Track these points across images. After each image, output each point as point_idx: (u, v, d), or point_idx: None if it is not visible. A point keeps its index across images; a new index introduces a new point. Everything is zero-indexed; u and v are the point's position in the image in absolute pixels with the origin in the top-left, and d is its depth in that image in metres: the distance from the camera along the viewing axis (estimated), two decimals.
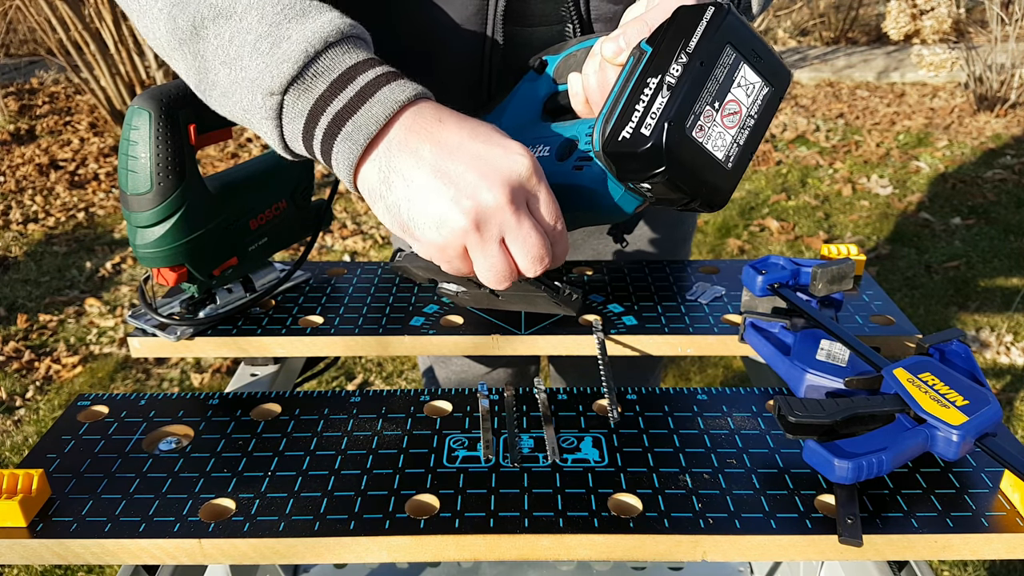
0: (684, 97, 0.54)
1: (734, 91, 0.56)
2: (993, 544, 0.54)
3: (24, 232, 3.22)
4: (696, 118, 0.55)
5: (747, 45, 0.56)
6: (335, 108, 0.53)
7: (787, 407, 0.56)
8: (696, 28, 0.55)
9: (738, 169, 0.57)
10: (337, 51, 0.54)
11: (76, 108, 4.68)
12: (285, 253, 2.42)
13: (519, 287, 0.65)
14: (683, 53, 0.55)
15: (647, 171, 0.56)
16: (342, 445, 0.64)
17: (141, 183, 0.69)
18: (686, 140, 0.55)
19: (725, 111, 0.56)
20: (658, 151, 0.54)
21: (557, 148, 0.65)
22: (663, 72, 0.55)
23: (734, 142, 0.57)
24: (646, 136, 0.54)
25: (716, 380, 2.25)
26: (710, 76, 0.55)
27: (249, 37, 0.54)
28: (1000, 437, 0.56)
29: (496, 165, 0.52)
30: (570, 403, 0.69)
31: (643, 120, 0.55)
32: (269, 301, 0.83)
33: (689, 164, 0.55)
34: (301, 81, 0.53)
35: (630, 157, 0.56)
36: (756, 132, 0.58)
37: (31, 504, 0.56)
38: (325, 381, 2.28)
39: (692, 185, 0.56)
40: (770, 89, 0.58)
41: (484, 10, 0.75)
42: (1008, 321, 2.42)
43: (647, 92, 0.55)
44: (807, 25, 5.88)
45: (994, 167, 3.59)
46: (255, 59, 0.54)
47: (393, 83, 0.54)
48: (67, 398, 2.24)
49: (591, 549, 0.55)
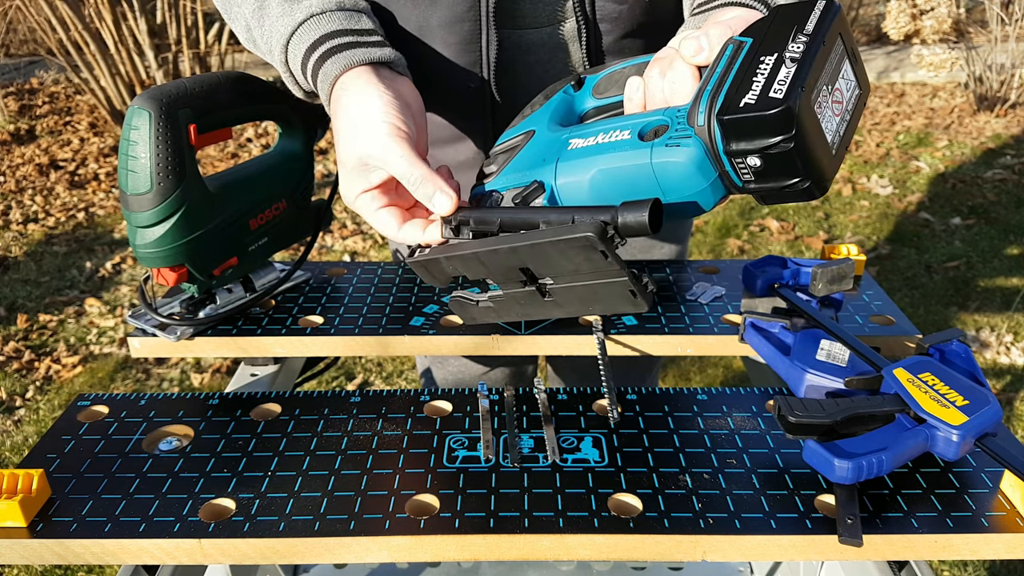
0: (810, 69, 0.53)
1: (840, 81, 0.56)
2: (993, 544, 0.54)
3: (24, 232, 3.22)
4: (817, 93, 0.54)
5: (850, 43, 0.57)
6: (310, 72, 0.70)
7: (787, 407, 0.56)
8: (809, 16, 0.55)
9: (839, 158, 0.56)
10: (308, 25, 0.70)
11: (76, 108, 4.68)
12: (285, 253, 2.42)
13: (583, 277, 0.61)
14: (800, 35, 0.55)
15: (772, 136, 0.53)
16: (342, 445, 0.64)
17: (141, 183, 0.69)
18: (810, 111, 0.53)
19: (834, 97, 0.56)
20: (790, 114, 0.52)
21: (639, 130, 0.60)
22: (780, 50, 0.54)
23: (837, 131, 0.56)
24: (778, 99, 0.52)
25: (716, 380, 2.26)
26: (828, 59, 0.55)
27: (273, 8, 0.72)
28: (1000, 437, 0.56)
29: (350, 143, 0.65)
30: (570, 403, 0.69)
31: (768, 87, 0.53)
32: (269, 301, 0.83)
33: (810, 138, 0.53)
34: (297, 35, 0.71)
35: (754, 121, 0.53)
36: (850, 129, 0.58)
37: (31, 504, 0.56)
38: (325, 381, 2.28)
39: (808, 160, 0.54)
40: (860, 92, 0.59)
41: (476, 8, 0.76)
42: (1008, 321, 2.42)
43: (764, 68, 0.54)
44: None
45: (994, 167, 3.59)
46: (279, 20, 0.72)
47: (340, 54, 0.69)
48: (67, 398, 2.24)
49: (591, 549, 0.55)
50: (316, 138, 0.85)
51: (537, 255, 0.60)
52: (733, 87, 0.55)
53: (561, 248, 0.58)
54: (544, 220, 0.60)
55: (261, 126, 4.26)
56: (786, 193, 0.56)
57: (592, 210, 0.59)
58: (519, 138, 0.70)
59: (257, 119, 0.80)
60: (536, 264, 0.61)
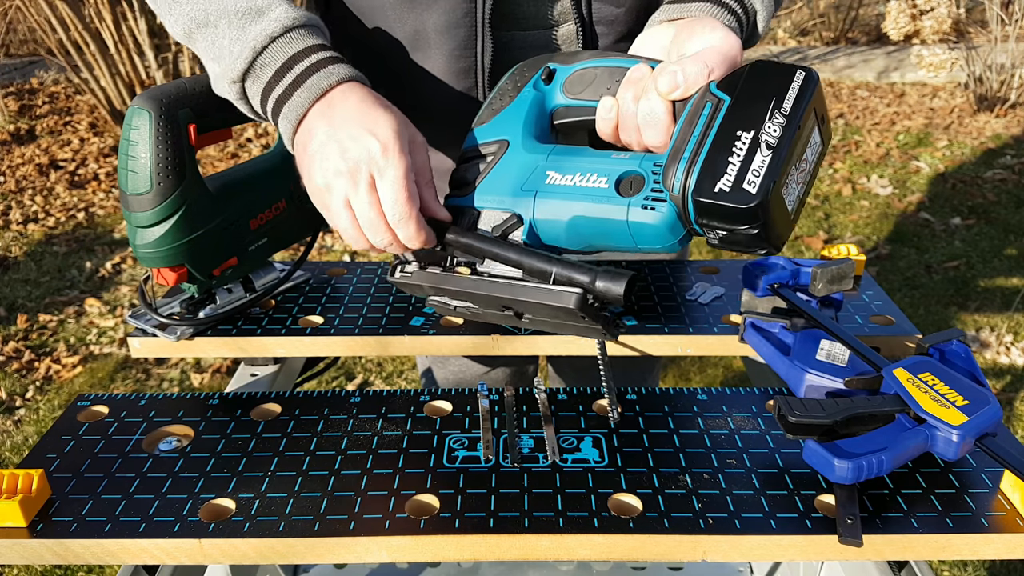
0: (783, 159, 0.56)
1: (807, 150, 0.59)
2: (993, 544, 0.54)
3: (24, 232, 3.22)
4: (786, 177, 0.57)
5: (822, 110, 0.60)
6: (277, 93, 0.66)
7: (787, 407, 0.56)
8: (788, 90, 0.58)
9: (797, 216, 0.61)
10: (281, 43, 0.66)
11: (76, 108, 4.68)
12: (285, 253, 2.42)
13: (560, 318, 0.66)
14: (778, 113, 0.57)
15: (738, 224, 0.57)
16: (342, 445, 0.64)
17: (141, 183, 0.69)
18: (779, 198, 0.57)
19: (800, 167, 0.59)
20: (761, 210, 0.55)
21: (616, 180, 0.63)
22: (757, 129, 0.57)
23: (798, 195, 0.60)
24: (751, 194, 0.55)
25: (716, 380, 2.25)
26: (800, 138, 0.57)
27: (224, 41, 0.66)
28: (1000, 437, 0.56)
29: (353, 142, 0.62)
30: (570, 403, 0.69)
31: (743, 176, 0.56)
32: (269, 301, 0.83)
33: (775, 219, 0.57)
34: (252, 71, 0.66)
35: (726, 210, 0.56)
36: (809, 185, 0.61)
37: (31, 504, 0.56)
38: (325, 381, 2.28)
39: (768, 236, 0.58)
40: (823, 148, 0.62)
41: (472, 14, 0.75)
42: (1008, 321, 2.42)
43: (740, 146, 0.57)
44: (807, 25, 5.88)
45: (994, 167, 3.59)
46: (230, 58, 0.66)
47: (323, 70, 0.65)
48: (67, 398, 2.24)
49: (591, 549, 0.55)
50: None
51: (520, 303, 0.65)
52: (708, 162, 0.57)
53: (544, 305, 0.64)
54: (528, 265, 0.65)
55: (261, 126, 4.26)
56: (748, 250, 0.61)
57: (573, 267, 0.63)
58: (493, 146, 0.69)
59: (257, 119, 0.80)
60: (517, 307, 0.67)
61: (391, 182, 0.62)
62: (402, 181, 0.62)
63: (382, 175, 0.62)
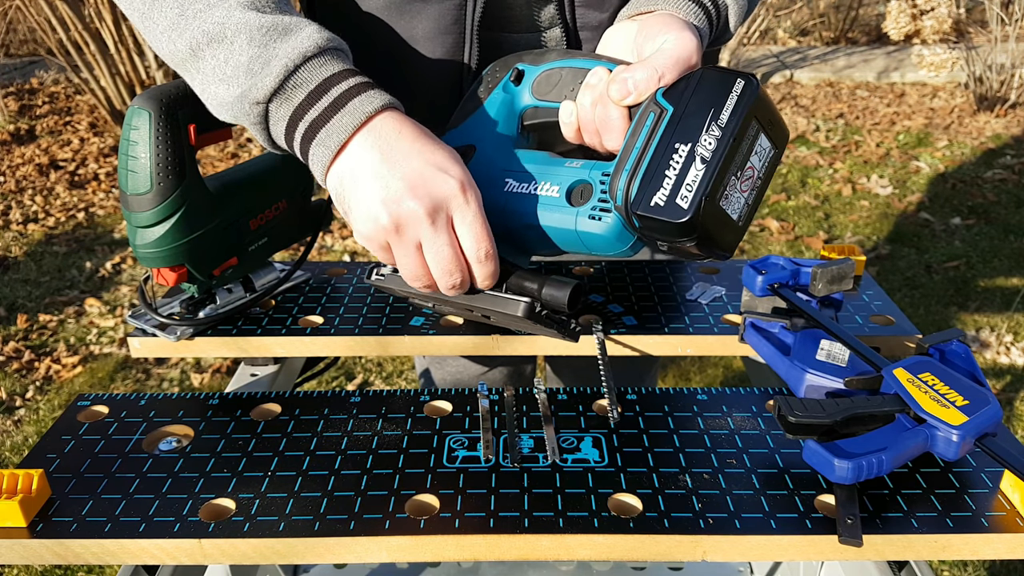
0: (718, 172, 0.56)
1: (752, 158, 0.59)
2: (993, 544, 0.54)
3: (24, 232, 3.22)
4: (724, 189, 0.57)
5: (766, 116, 0.59)
6: (311, 116, 0.60)
7: (787, 407, 0.56)
8: (726, 99, 0.57)
9: (746, 224, 0.61)
10: (315, 63, 0.60)
11: (76, 108, 4.68)
12: (285, 253, 2.43)
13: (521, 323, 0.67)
14: (714, 125, 0.57)
15: (676, 238, 0.58)
16: (342, 445, 0.64)
17: (141, 183, 0.69)
18: (716, 211, 0.57)
19: (743, 177, 0.59)
20: (693, 225, 0.56)
21: (567, 190, 0.65)
22: (694, 142, 0.57)
23: (746, 203, 0.60)
24: (683, 209, 0.56)
25: (716, 380, 2.25)
26: (739, 150, 0.58)
27: (243, 59, 0.60)
28: (1000, 437, 0.56)
29: (426, 180, 0.58)
30: (570, 403, 0.69)
31: (677, 190, 0.57)
32: (269, 301, 0.83)
33: (714, 231, 0.58)
34: (283, 92, 0.60)
35: (662, 224, 0.57)
36: (762, 190, 0.61)
37: (31, 504, 0.56)
38: (325, 381, 2.28)
39: (711, 247, 0.59)
40: (776, 151, 0.61)
41: (461, 20, 0.75)
42: (1008, 321, 2.42)
43: (677, 159, 0.57)
44: (807, 25, 5.88)
45: (994, 167, 3.59)
46: (248, 78, 0.60)
47: (364, 94, 0.60)
48: (67, 398, 2.24)
49: (591, 549, 0.55)
50: None
51: (479, 308, 0.66)
52: (647, 175, 0.58)
53: (499, 312, 0.65)
54: None
55: None
56: (696, 259, 0.62)
57: (525, 274, 0.65)
58: (460, 150, 0.69)
59: None
60: (478, 311, 0.68)
61: (472, 221, 0.60)
62: (482, 219, 0.60)
63: (463, 215, 0.59)
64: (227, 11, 0.60)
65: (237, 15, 0.60)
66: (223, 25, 0.60)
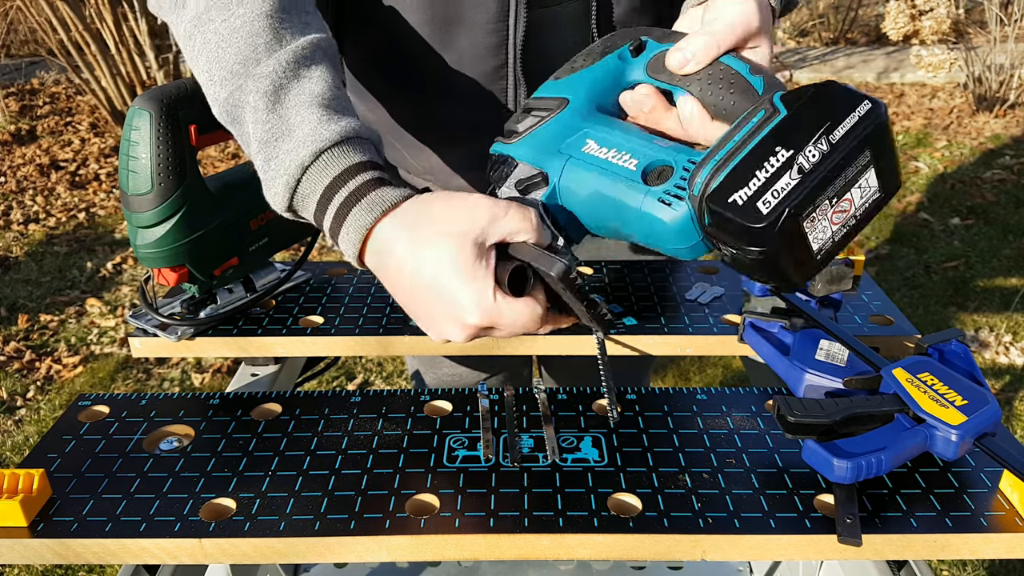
0: (812, 188, 0.51)
1: (852, 191, 0.54)
2: (992, 544, 0.54)
3: (25, 232, 3.22)
4: (812, 210, 0.52)
5: (882, 150, 0.54)
6: (327, 225, 0.58)
7: (786, 407, 0.56)
8: (846, 118, 0.53)
9: (823, 263, 0.55)
10: (315, 169, 0.57)
11: (77, 109, 4.68)
12: (285, 253, 2.43)
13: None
14: (824, 140, 0.52)
15: (742, 244, 0.53)
16: (342, 445, 0.64)
17: (142, 183, 0.69)
18: (796, 231, 0.52)
19: (838, 208, 0.54)
20: (767, 235, 0.51)
21: (646, 166, 0.60)
22: (797, 149, 0.52)
23: (832, 238, 0.55)
24: (762, 214, 0.51)
25: (716, 380, 2.26)
26: (841, 175, 0.53)
27: (253, 147, 0.59)
28: (999, 437, 0.56)
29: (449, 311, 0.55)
30: (570, 403, 0.69)
31: (762, 193, 0.51)
32: (270, 301, 0.83)
33: (786, 253, 0.53)
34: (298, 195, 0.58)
35: (733, 224, 0.52)
36: (853, 232, 0.56)
37: (32, 504, 0.56)
38: (325, 381, 2.28)
39: (776, 271, 0.54)
40: (881, 196, 0.56)
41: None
42: (1007, 321, 2.42)
43: (773, 162, 0.52)
44: (806, 26, 5.88)
45: (993, 167, 3.59)
46: (262, 169, 0.59)
47: (364, 200, 0.56)
48: (68, 398, 2.24)
49: (591, 549, 0.55)
50: None
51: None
52: (736, 170, 0.53)
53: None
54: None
55: None
56: (754, 279, 0.56)
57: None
58: (554, 102, 0.67)
59: None
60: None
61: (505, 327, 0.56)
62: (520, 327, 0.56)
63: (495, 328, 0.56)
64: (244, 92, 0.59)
65: (251, 101, 0.59)
66: (240, 109, 0.59)
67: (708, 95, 0.61)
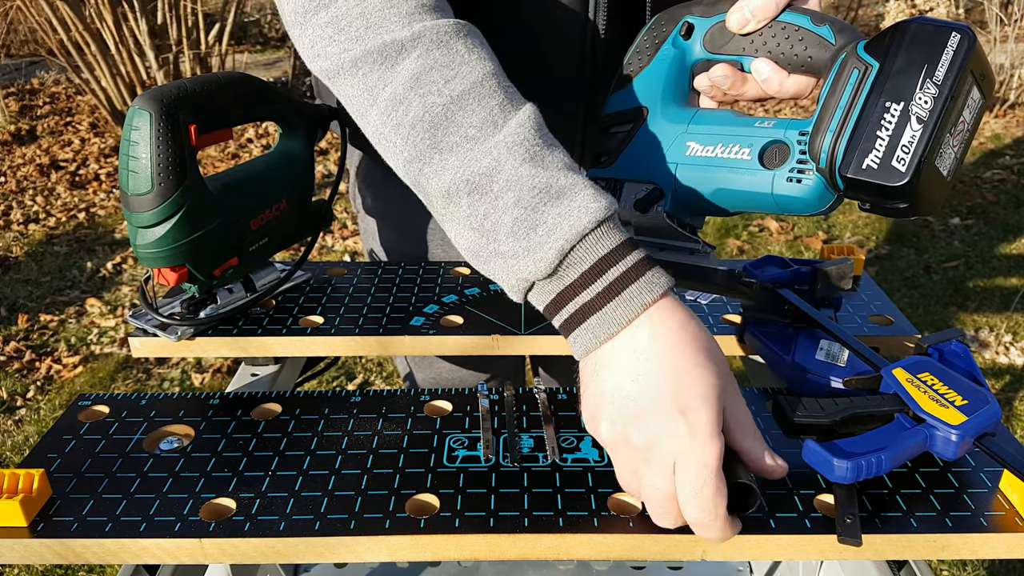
0: (936, 132, 0.53)
1: (964, 112, 0.56)
2: (992, 544, 0.54)
3: (25, 232, 3.23)
4: (939, 147, 0.54)
5: (980, 69, 0.56)
6: (583, 300, 0.53)
7: (786, 407, 0.56)
8: (941, 55, 0.54)
9: (954, 179, 0.57)
10: (591, 239, 0.52)
11: (77, 108, 4.69)
12: (285, 253, 2.43)
13: None
14: (930, 83, 0.54)
15: (885, 200, 0.55)
16: (342, 445, 0.64)
17: (142, 183, 0.69)
18: (932, 171, 0.54)
19: (956, 132, 0.56)
20: (911, 188, 0.53)
21: (760, 151, 0.60)
22: (907, 100, 0.54)
23: (955, 157, 0.57)
24: (900, 172, 0.53)
25: None
26: (955, 108, 0.54)
27: (506, 218, 0.53)
28: (999, 437, 0.56)
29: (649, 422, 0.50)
30: (570, 403, 0.69)
31: (892, 152, 0.53)
32: (270, 301, 0.83)
33: (927, 191, 0.55)
34: (553, 272, 0.53)
35: (876, 187, 0.54)
36: (969, 141, 0.58)
37: (32, 504, 0.56)
38: (325, 381, 2.28)
39: (921, 207, 0.56)
40: (984, 101, 0.58)
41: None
42: (1007, 321, 2.42)
43: (889, 119, 0.54)
44: None
45: (993, 167, 3.59)
46: (511, 241, 0.53)
47: (641, 278, 0.52)
48: (68, 398, 2.24)
49: (591, 548, 0.55)
50: (317, 139, 0.85)
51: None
52: (856, 136, 0.55)
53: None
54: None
55: (262, 126, 4.26)
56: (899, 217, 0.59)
57: None
58: (631, 114, 0.67)
59: (258, 119, 0.80)
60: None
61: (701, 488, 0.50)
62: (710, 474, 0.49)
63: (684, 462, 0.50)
64: (494, 159, 0.53)
65: (507, 168, 0.53)
66: (489, 178, 0.53)
67: (781, 54, 0.62)
